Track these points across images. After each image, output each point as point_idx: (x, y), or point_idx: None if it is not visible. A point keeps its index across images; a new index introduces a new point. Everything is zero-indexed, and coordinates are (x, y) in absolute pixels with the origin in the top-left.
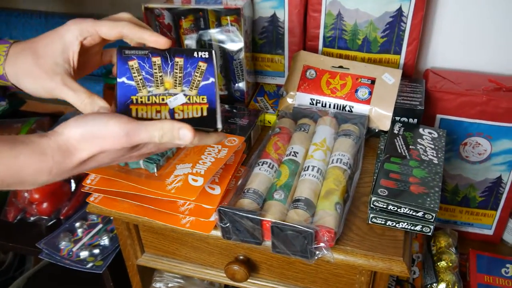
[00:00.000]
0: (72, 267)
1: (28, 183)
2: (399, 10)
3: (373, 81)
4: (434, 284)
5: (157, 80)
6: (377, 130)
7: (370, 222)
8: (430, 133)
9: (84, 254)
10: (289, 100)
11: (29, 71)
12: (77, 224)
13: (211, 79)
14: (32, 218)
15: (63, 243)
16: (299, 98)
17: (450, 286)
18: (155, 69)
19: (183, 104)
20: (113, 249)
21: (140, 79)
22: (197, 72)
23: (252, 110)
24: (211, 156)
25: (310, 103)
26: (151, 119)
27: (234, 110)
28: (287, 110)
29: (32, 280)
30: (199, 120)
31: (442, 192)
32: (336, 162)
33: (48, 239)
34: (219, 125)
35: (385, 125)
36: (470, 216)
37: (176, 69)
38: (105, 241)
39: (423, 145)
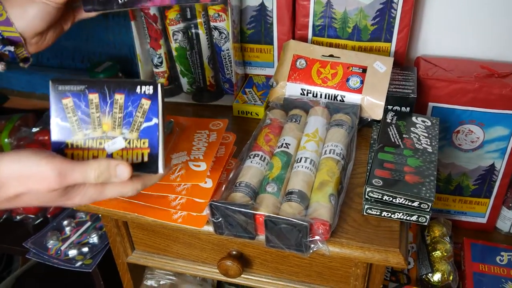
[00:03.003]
0: (61, 267)
1: None
2: None
3: (364, 70)
4: (430, 274)
5: (94, 122)
6: (369, 120)
7: (365, 213)
8: (423, 121)
9: (72, 252)
10: (280, 91)
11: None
12: (65, 222)
13: (154, 120)
14: (18, 217)
15: (51, 242)
16: (289, 89)
17: (446, 275)
18: (92, 108)
19: (122, 149)
20: (103, 247)
21: (76, 120)
22: (139, 112)
23: None
24: (202, 141)
25: (301, 93)
26: None
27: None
28: (278, 101)
29: (21, 280)
30: (139, 166)
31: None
32: (329, 153)
33: (35, 238)
34: (161, 171)
35: (378, 114)
36: (463, 204)
37: (116, 108)
38: (94, 239)
39: (416, 133)
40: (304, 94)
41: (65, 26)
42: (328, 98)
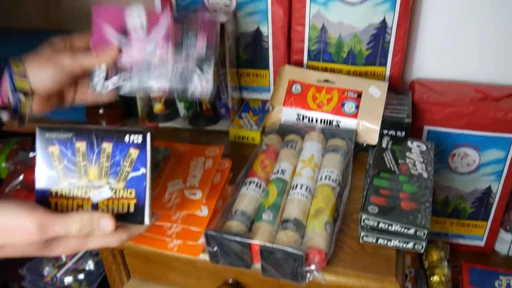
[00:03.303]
0: None
1: None
2: (383, 22)
3: (359, 95)
4: None
5: (80, 170)
6: (365, 145)
7: (361, 240)
8: (418, 146)
9: (68, 280)
10: (276, 116)
11: (44, 63)
12: None
13: (142, 170)
14: None
15: (47, 268)
16: (285, 113)
17: None
18: (79, 157)
19: (108, 199)
20: (99, 274)
21: (61, 169)
22: (127, 162)
23: None
24: (198, 168)
25: (297, 118)
26: None
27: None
28: (274, 126)
29: None
30: (125, 216)
31: (432, 204)
32: (325, 179)
33: (31, 265)
34: (147, 222)
35: (373, 139)
36: (461, 227)
37: (103, 157)
38: (90, 265)
39: (412, 158)
40: (300, 119)
41: (67, 98)
42: (324, 123)
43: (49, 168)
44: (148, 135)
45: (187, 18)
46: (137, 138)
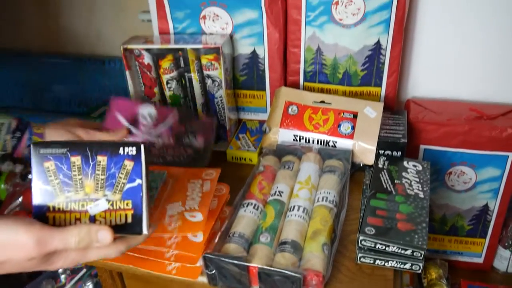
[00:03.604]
0: None
1: None
2: (378, 44)
3: (355, 115)
4: None
5: (76, 184)
6: (361, 165)
7: (358, 261)
8: (414, 166)
9: None
10: (272, 137)
11: (61, 130)
12: (60, 270)
13: (138, 181)
14: None
15: None
16: (282, 135)
17: None
18: (74, 171)
19: (105, 211)
20: None
21: (58, 183)
22: (122, 173)
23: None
24: (196, 191)
25: (294, 139)
26: None
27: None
28: (271, 147)
29: None
30: (123, 227)
31: (430, 221)
32: (322, 200)
33: (30, 287)
34: (145, 232)
35: (370, 159)
36: (459, 245)
37: (98, 170)
38: (89, 287)
39: (408, 178)
40: (296, 140)
41: None
42: (320, 144)
43: (45, 184)
44: (142, 147)
45: (190, 120)
46: (132, 150)
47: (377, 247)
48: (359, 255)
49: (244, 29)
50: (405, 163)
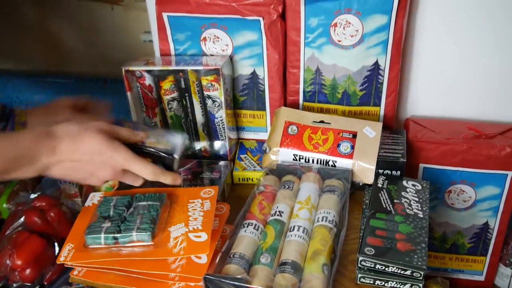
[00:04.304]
0: None
1: (29, 164)
2: (376, 64)
3: (354, 135)
4: None
5: None
6: (361, 184)
7: (358, 282)
8: (414, 185)
9: None
10: (273, 157)
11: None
12: None
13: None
14: (15, 286)
15: None
16: (282, 154)
17: None
18: None
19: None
20: None
21: None
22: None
23: (222, 163)
24: (197, 211)
25: (294, 159)
26: None
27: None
28: (271, 166)
29: None
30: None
31: (431, 240)
32: (322, 220)
33: None
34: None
35: (369, 179)
36: (460, 262)
37: None
38: None
39: (407, 198)
40: (296, 160)
41: None
42: (320, 164)
43: None
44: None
45: None
46: None
47: (376, 267)
48: (359, 275)
49: (244, 50)
50: (404, 182)
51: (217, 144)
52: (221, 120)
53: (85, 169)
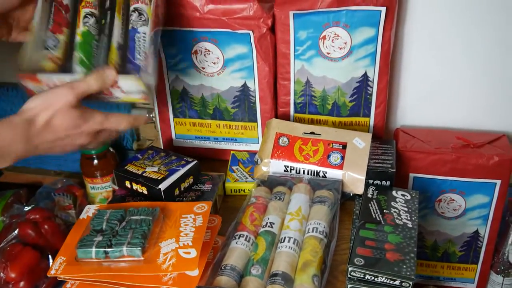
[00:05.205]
0: None
1: (7, 156)
2: (365, 76)
3: (344, 146)
4: None
5: None
6: (351, 194)
7: None
8: (403, 195)
9: None
10: (264, 168)
11: None
12: None
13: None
14: None
15: None
16: (273, 165)
17: None
18: None
19: None
20: None
21: None
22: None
23: (214, 175)
24: (189, 226)
25: (285, 170)
26: None
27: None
28: (262, 178)
29: None
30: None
31: (422, 248)
32: (312, 231)
33: None
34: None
35: (359, 189)
36: (452, 271)
37: None
38: None
39: (397, 208)
40: (287, 171)
41: (14, 30)
42: (311, 174)
43: None
44: None
45: None
46: None
47: (366, 277)
48: (349, 285)
49: (235, 63)
50: (394, 192)
51: (127, 81)
52: (144, 36)
53: (63, 143)
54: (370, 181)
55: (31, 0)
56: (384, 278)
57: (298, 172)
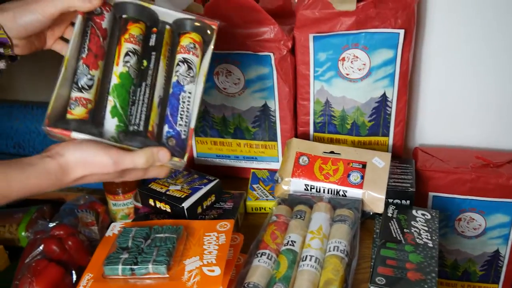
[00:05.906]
0: None
1: (35, 194)
2: (384, 96)
3: (364, 165)
4: None
5: None
6: (371, 213)
7: None
8: (423, 214)
9: None
10: (285, 187)
11: (24, 6)
12: None
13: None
14: None
15: None
16: (294, 184)
17: None
18: None
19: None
20: None
21: None
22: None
23: (236, 193)
24: (212, 244)
25: (305, 189)
26: None
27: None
28: (283, 196)
29: None
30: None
31: (442, 267)
32: (333, 250)
33: None
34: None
35: (379, 208)
36: None
37: None
38: None
39: (417, 227)
40: (308, 190)
41: (48, 39)
42: (331, 193)
43: None
44: None
45: None
46: None
47: None
48: None
49: (256, 84)
50: (414, 211)
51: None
52: (189, 96)
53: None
54: (390, 200)
55: (66, 18)
56: None
57: (318, 191)
